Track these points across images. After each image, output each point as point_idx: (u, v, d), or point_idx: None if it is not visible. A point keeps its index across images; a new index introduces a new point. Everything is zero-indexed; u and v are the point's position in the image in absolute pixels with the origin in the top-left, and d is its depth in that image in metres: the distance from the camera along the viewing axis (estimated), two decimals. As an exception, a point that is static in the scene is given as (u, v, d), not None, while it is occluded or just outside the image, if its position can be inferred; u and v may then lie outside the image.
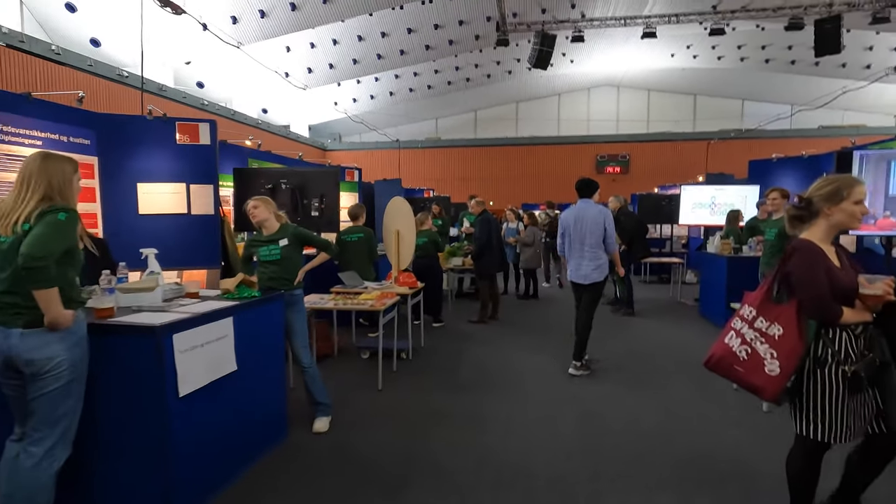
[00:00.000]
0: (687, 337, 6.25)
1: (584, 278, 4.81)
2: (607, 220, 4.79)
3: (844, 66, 21.60)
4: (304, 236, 3.68)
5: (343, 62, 18.83)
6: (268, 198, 3.70)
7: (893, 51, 20.34)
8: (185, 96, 15.84)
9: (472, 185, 24.55)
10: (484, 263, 6.80)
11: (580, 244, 4.79)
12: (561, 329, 6.73)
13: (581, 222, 4.80)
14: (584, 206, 4.85)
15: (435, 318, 6.81)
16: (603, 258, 4.79)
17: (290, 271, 3.60)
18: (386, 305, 4.35)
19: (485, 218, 6.78)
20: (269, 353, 3.31)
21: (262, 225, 3.62)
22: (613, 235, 4.82)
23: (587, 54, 21.52)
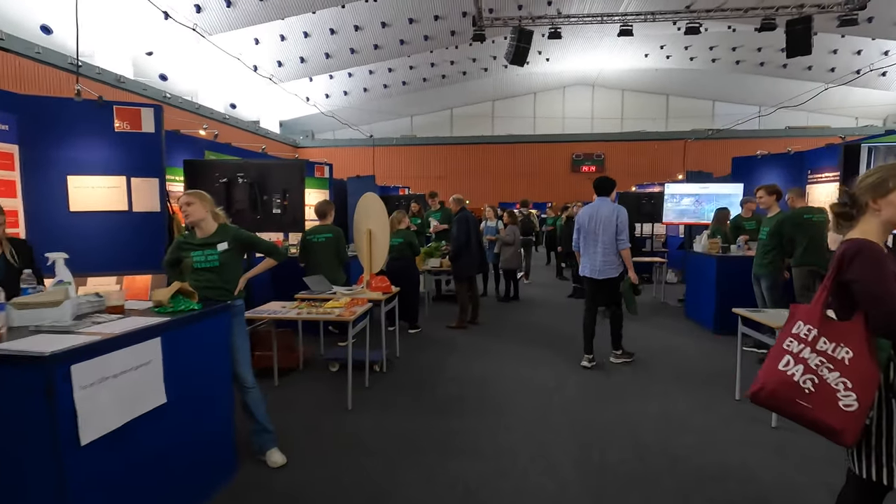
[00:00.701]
0: (679, 342, 5.87)
1: (597, 273, 4.90)
2: (620, 218, 4.80)
3: (810, 69, 21.89)
4: (246, 239, 3.11)
5: (315, 56, 18.08)
6: (204, 193, 3.10)
7: (856, 54, 20.67)
8: (146, 88, 14.89)
9: (448, 183, 24.04)
10: (462, 265, 6.31)
11: (594, 241, 4.86)
12: (544, 333, 6.29)
13: (595, 220, 4.86)
14: (598, 204, 4.92)
15: (411, 324, 6.29)
16: (616, 255, 4.84)
17: (230, 280, 3.02)
18: (356, 314, 3.80)
19: (462, 216, 6.28)
20: (212, 377, 2.74)
21: (197, 225, 3.03)
22: (626, 233, 4.83)
23: (563, 53, 21.26)
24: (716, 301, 6.11)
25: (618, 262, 4.85)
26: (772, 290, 5.26)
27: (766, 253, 5.31)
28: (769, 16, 14.81)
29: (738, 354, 4.10)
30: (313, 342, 5.43)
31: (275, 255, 3.24)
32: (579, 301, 8.35)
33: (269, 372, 4.49)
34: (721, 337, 5.99)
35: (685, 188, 8.06)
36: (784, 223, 5.23)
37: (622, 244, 4.79)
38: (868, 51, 20.29)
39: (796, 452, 3.17)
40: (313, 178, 8.30)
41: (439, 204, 8.41)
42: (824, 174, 6.99)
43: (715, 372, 4.80)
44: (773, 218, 5.42)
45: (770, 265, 5.26)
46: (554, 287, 10.13)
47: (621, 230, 4.79)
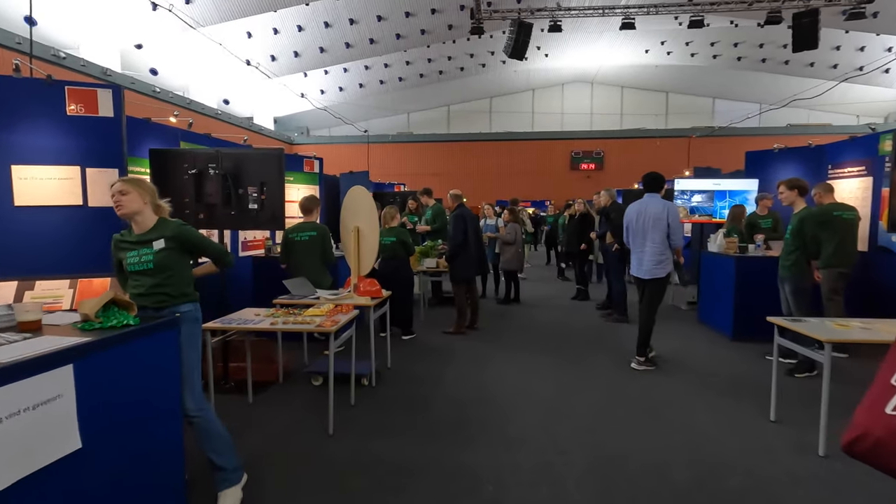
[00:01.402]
0: (695, 350, 5.35)
1: (645, 273, 4.71)
2: (671, 216, 4.62)
3: (812, 66, 21.41)
4: (188, 239, 2.55)
5: (309, 50, 17.51)
6: (143, 180, 2.56)
7: (859, 51, 20.20)
8: (134, 82, 14.31)
9: (446, 181, 23.48)
10: (459, 266, 5.78)
11: (642, 239, 4.69)
12: (548, 339, 5.77)
13: (643, 217, 4.69)
14: (647, 201, 4.74)
15: (405, 330, 5.76)
16: (666, 254, 4.64)
17: (172, 285, 2.49)
18: (338, 325, 3.27)
19: (459, 214, 5.75)
20: (153, 410, 2.20)
21: (132, 219, 2.49)
22: (679, 231, 4.67)
23: (562, 49, 20.72)
24: (734, 305, 5.60)
25: (667, 263, 4.64)
26: (796, 295, 4.73)
27: (790, 254, 4.79)
28: (775, 8, 14.32)
29: (773, 370, 3.57)
30: (296, 351, 4.90)
31: (222, 261, 2.73)
32: (583, 304, 7.86)
33: (245, 386, 3.96)
34: (739, 343, 5.49)
35: (696, 184, 7.54)
36: (806, 221, 4.69)
37: (675, 243, 4.62)
38: (871, 47, 19.82)
39: (859, 490, 2.66)
40: (302, 174, 7.76)
41: (434, 201, 7.87)
42: (847, 169, 6.48)
43: (740, 384, 4.29)
44: (797, 216, 4.90)
45: (793, 267, 4.73)
46: (555, 288, 9.61)
47: (674, 229, 4.60)
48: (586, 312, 7.30)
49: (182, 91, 17.37)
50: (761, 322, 5.60)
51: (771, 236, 6.76)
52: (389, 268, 5.62)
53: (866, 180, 6.22)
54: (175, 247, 2.48)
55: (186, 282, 2.56)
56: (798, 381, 4.40)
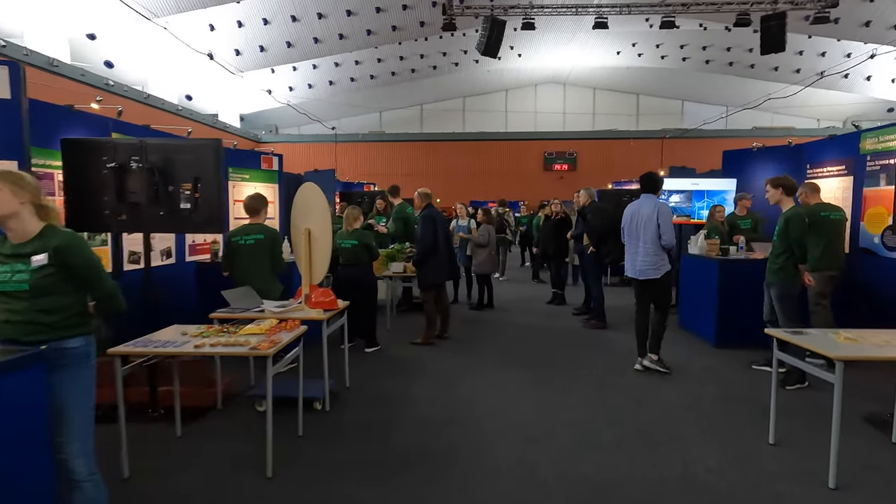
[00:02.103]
0: (678, 360, 4.97)
1: (638, 273, 4.63)
2: (661, 215, 4.50)
3: (777, 70, 21.71)
4: (73, 261, 1.93)
5: (275, 45, 16.73)
6: (20, 174, 1.96)
7: (821, 56, 20.55)
8: (84, 74, 13.33)
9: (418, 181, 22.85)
10: (428, 271, 5.28)
11: (636, 240, 4.61)
12: (524, 348, 5.32)
13: (637, 218, 4.60)
14: (641, 202, 4.67)
15: (368, 342, 5.22)
16: (659, 254, 4.52)
17: (56, 314, 1.91)
18: (278, 346, 2.73)
19: (429, 214, 5.24)
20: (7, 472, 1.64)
21: (4, 225, 1.91)
22: (669, 230, 4.52)
23: (535, 49, 20.45)
24: (717, 311, 5.26)
25: (660, 263, 4.51)
26: (782, 301, 4.38)
27: (777, 257, 4.43)
28: (744, 11, 14.30)
29: (773, 388, 3.18)
30: (242, 370, 4.30)
31: (105, 302, 2.07)
32: (559, 308, 7.46)
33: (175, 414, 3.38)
34: (724, 351, 5.15)
35: (673, 184, 7.22)
36: (792, 222, 4.32)
37: (665, 242, 4.48)
38: (832, 52, 20.18)
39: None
40: (260, 171, 7.13)
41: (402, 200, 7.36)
42: (826, 168, 6.24)
43: (732, 399, 3.91)
44: (783, 216, 4.55)
45: (781, 271, 4.37)
46: (530, 291, 9.21)
47: (664, 228, 4.47)
48: (564, 318, 6.89)
49: (140, 85, 16.38)
50: (746, 328, 5.30)
51: (751, 237, 6.49)
52: (351, 274, 5.09)
53: (846, 180, 5.97)
54: (59, 265, 1.89)
55: (76, 309, 1.97)
56: (790, 393, 4.05)
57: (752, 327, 5.03)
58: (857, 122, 23.56)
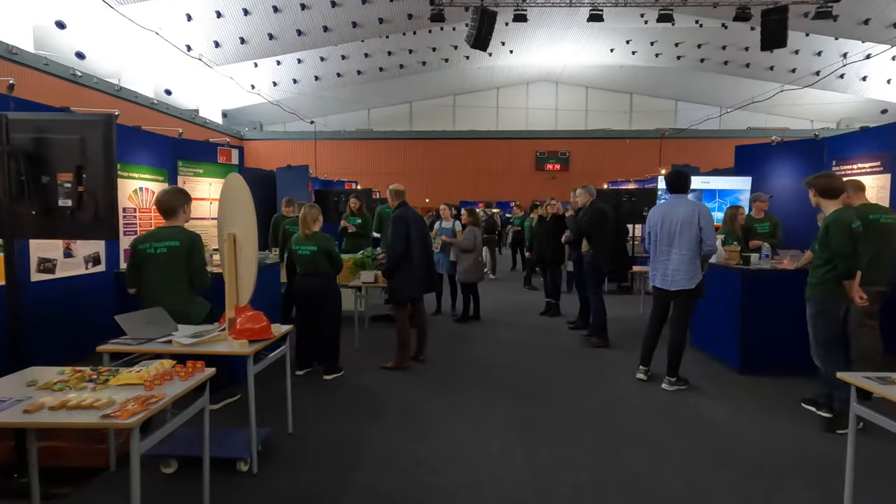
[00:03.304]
0: (702, 392, 4.12)
1: (668, 283, 4.06)
2: (703, 219, 3.95)
3: (772, 69, 21.03)
4: None
5: (257, 37, 15.76)
6: None
7: (816, 55, 19.90)
8: (48, 63, 12.28)
9: (407, 180, 21.94)
10: (399, 283, 4.36)
11: (667, 246, 4.06)
12: (515, 375, 4.42)
13: (670, 221, 4.02)
14: (673, 203, 4.11)
15: (329, 367, 4.30)
16: (697, 263, 3.99)
17: None
18: (147, 413, 1.82)
19: (401, 215, 4.32)
20: None
21: None
22: (712, 235, 4.02)
23: (526, 45, 19.61)
24: (741, 330, 4.40)
25: (695, 272, 3.98)
26: (815, 319, 3.53)
27: (815, 269, 3.58)
28: (744, 5, 13.53)
29: (848, 451, 2.32)
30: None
31: None
32: (554, 321, 6.56)
33: (58, 475, 2.48)
34: (751, 379, 4.29)
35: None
36: (831, 227, 3.46)
37: (709, 248, 3.99)
38: (828, 52, 19.54)
39: None
40: (216, 166, 6.20)
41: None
42: (856, 165, 5.43)
43: (779, 452, 3.05)
44: (828, 220, 3.68)
45: (819, 286, 3.52)
46: (522, 300, 8.33)
47: (707, 233, 3.94)
48: (559, 333, 6.02)
49: (115, 78, 15.32)
50: (776, 351, 4.31)
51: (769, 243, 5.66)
52: (310, 285, 4.18)
53: (883, 178, 5.16)
54: None
55: None
56: (844, 440, 3.19)
57: (784, 350, 4.27)
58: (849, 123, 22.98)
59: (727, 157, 7.13)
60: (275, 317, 4.90)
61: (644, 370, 4.30)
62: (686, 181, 4.18)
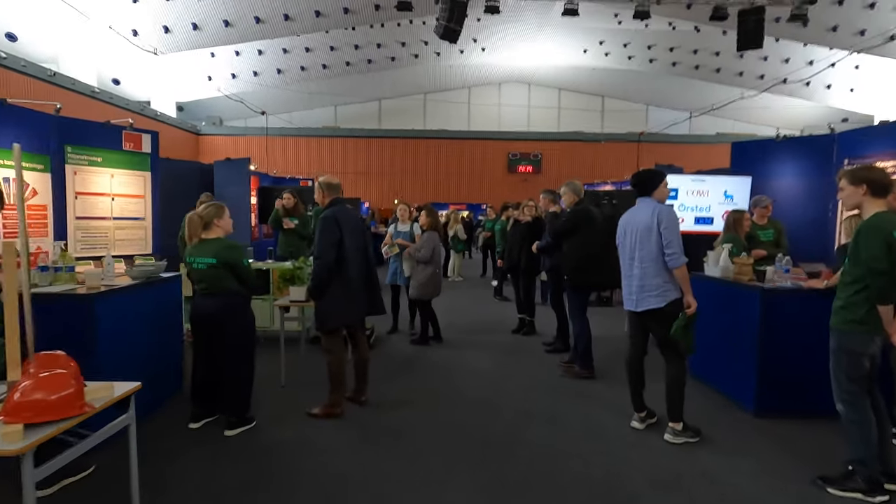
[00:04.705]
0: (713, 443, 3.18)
1: (634, 302, 3.28)
2: (663, 223, 3.13)
3: (741, 75, 20.78)
4: None
5: (210, 22, 14.32)
6: None
7: (784, 62, 19.70)
8: (-39, 41, 10.64)
9: (375, 180, 20.84)
10: (330, 306, 3.27)
11: (630, 259, 3.32)
12: (481, 421, 3.40)
13: (631, 229, 3.27)
14: (636, 208, 3.34)
15: (235, 418, 3.17)
16: (662, 275, 3.16)
17: None
18: None
19: (330, 216, 3.23)
20: None
21: None
22: (675, 241, 3.12)
23: (499, 43, 18.70)
24: (759, 363, 3.48)
25: (663, 287, 3.15)
26: (837, 356, 2.64)
27: (845, 287, 2.67)
28: (720, 4, 12.94)
29: None
30: None
31: None
32: (528, 341, 5.52)
33: None
34: (771, 424, 3.38)
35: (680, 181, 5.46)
36: (862, 236, 2.56)
37: (672, 260, 3.09)
38: (795, 59, 19.37)
39: None
40: (122, 154, 4.98)
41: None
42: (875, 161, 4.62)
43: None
44: (860, 226, 2.78)
45: (843, 311, 2.61)
46: (491, 312, 7.33)
47: (668, 240, 3.09)
48: (534, 357, 5.03)
49: (52, 63, 13.67)
50: (801, 389, 3.30)
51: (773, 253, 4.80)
52: (206, 309, 3.06)
53: (906, 179, 4.36)
54: None
55: None
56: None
57: (812, 389, 3.30)
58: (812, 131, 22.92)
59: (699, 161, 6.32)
60: (174, 352, 3.77)
61: (639, 417, 3.35)
62: (650, 181, 3.28)
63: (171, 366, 3.58)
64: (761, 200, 4.94)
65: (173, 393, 3.60)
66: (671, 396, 3.18)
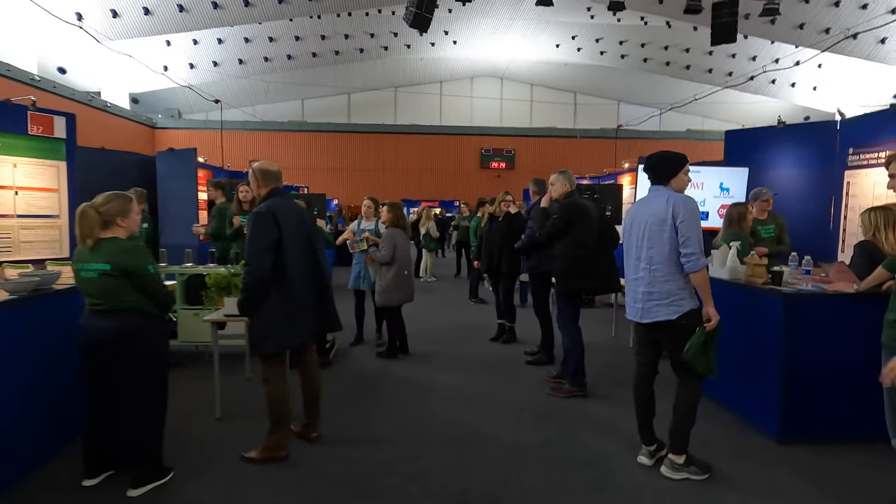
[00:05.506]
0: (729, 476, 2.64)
1: (641, 313, 2.61)
2: (679, 216, 2.43)
3: (711, 72, 20.77)
4: None
5: (163, 7, 13.21)
6: None
7: (751, 60, 19.75)
8: None
9: (343, 176, 19.94)
10: (265, 324, 2.58)
11: (636, 259, 2.65)
12: (463, 457, 2.75)
13: (639, 223, 2.61)
14: (647, 199, 2.65)
15: (142, 472, 2.42)
16: (677, 281, 2.50)
17: None
18: None
19: (265, 211, 2.52)
20: None
21: None
22: (695, 240, 2.44)
23: (471, 36, 18.06)
24: (782, 380, 2.94)
25: (677, 295, 2.52)
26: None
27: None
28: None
29: None
30: None
31: None
32: (509, 351, 4.81)
33: None
34: (797, 450, 2.86)
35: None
36: None
37: (691, 262, 2.45)
38: (762, 57, 19.43)
39: None
40: (27, 140, 4.12)
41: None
42: (883, 152, 4.19)
43: None
44: None
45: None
46: (467, 317, 6.70)
47: (686, 236, 2.45)
48: (516, 370, 4.42)
49: (-15, 49, 12.33)
50: (830, 409, 2.75)
51: (775, 251, 4.34)
52: (103, 331, 2.31)
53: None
54: None
55: None
56: None
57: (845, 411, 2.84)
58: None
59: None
60: (69, 389, 2.89)
61: (649, 451, 2.77)
62: (672, 165, 2.62)
63: (64, 407, 2.77)
64: (762, 193, 4.45)
65: (70, 440, 2.81)
66: (678, 424, 2.62)
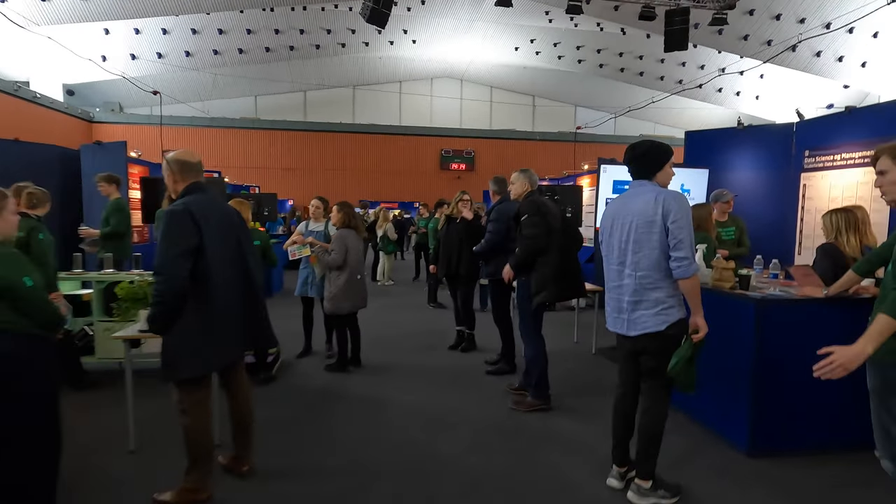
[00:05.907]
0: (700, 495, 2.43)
1: (624, 325, 2.34)
2: (671, 216, 2.17)
3: (662, 79, 21.38)
4: None
5: (98, -9, 12.22)
6: None
7: (700, 69, 20.46)
8: None
9: (300, 176, 19.20)
10: (178, 344, 2.14)
11: (618, 263, 2.36)
12: (418, 488, 2.42)
13: (621, 223, 2.30)
14: (630, 195, 2.35)
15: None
16: (666, 288, 2.24)
17: None
18: None
19: (181, 210, 2.09)
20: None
21: None
22: (687, 242, 2.17)
23: (430, 36, 17.79)
24: (752, 390, 2.79)
25: (665, 304, 2.25)
26: (881, 393, 1.97)
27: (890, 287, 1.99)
28: (649, 3, 12.86)
29: None
30: None
31: None
32: (468, 360, 4.48)
33: None
34: (767, 464, 2.70)
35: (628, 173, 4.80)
36: None
37: (682, 268, 2.16)
38: (710, 66, 20.18)
39: None
40: None
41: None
42: (839, 155, 4.19)
43: None
44: None
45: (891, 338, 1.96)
46: (425, 323, 6.37)
47: (678, 239, 2.16)
48: (476, 381, 4.14)
49: None
50: (803, 420, 2.59)
51: (735, 253, 4.26)
52: None
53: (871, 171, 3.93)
54: None
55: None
56: None
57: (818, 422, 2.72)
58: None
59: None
60: None
61: (619, 473, 2.52)
62: (654, 156, 2.33)
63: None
64: (722, 195, 4.37)
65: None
66: (646, 446, 2.35)
